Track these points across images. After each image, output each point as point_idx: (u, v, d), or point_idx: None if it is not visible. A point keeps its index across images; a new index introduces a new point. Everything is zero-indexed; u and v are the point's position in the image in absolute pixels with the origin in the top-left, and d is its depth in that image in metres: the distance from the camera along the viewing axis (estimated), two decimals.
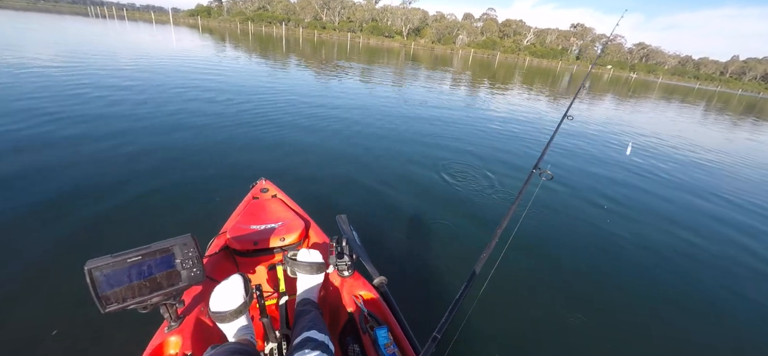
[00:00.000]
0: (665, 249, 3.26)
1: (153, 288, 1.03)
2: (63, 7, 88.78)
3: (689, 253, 3.26)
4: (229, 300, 1.15)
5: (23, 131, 4.10)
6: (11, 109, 4.79)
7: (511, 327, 2.13)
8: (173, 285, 1.08)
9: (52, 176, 3.19)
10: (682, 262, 3.10)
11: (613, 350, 2.06)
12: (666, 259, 3.11)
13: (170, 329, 1.16)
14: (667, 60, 77.89)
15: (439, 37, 73.95)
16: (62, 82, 6.68)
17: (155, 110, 5.58)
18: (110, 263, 0.95)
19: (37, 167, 3.27)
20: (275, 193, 2.09)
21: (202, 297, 1.33)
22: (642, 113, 13.46)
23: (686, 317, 2.43)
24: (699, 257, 3.22)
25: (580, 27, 77.53)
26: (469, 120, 7.72)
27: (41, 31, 17.58)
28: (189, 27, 46.26)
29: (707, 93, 41.44)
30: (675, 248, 3.30)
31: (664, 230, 3.65)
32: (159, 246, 1.04)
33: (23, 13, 40.28)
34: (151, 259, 1.02)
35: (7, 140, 3.83)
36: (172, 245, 1.06)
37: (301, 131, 5.43)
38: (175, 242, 1.07)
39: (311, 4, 74.16)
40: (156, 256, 1.03)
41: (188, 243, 1.09)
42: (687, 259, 3.16)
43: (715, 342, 2.24)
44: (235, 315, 1.14)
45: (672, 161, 6.41)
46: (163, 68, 9.82)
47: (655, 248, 3.25)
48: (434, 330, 1.02)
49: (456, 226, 3.20)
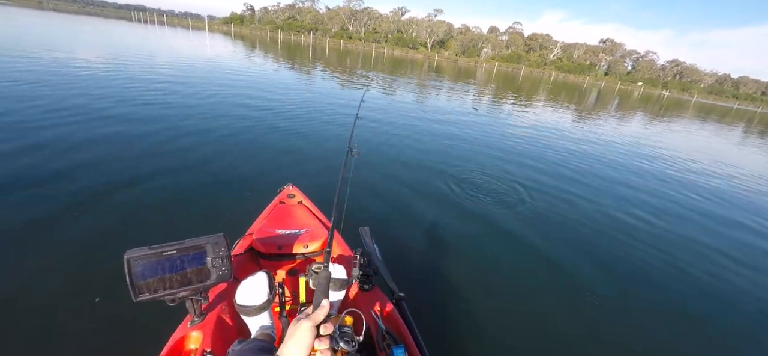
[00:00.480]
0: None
1: (183, 282, 1.07)
2: (109, 11, 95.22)
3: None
4: (254, 295, 1.20)
5: (77, 125, 4.44)
6: (66, 104, 5.19)
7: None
8: (202, 282, 1.11)
9: (96, 168, 3.43)
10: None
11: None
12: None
13: (193, 324, 1.20)
14: (702, 78, 74.15)
15: (464, 49, 73.70)
16: (107, 82, 7.15)
17: (192, 112, 5.87)
18: (147, 255, 0.99)
19: (80, 160, 3.54)
20: (301, 199, 2.14)
21: (226, 295, 1.37)
22: (673, 132, 12.85)
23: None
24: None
25: (610, 42, 75.28)
26: (492, 132, 7.64)
27: (93, 34, 18.86)
28: (222, 34, 48.40)
29: (747, 114, 38.97)
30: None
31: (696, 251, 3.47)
32: (193, 243, 1.08)
33: (74, 16, 43.41)
34: (184, 254, 1.06)
35: (63, 133, 4.15)
36: (205, 243, 1.09)
37: (328, 139, 5.57)
38: (208, 240, 1.10)
39: (339, 15, 75.92)
40: (189, 252, 1.07)
41: (220, 242, 1.12)
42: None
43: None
44: (259, 311, 1.19)
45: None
46: (197, 72, 10.31)
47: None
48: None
49: (479, 242, 3.18)
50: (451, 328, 2.13)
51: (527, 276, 2.85)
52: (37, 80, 6.57)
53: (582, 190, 4.96)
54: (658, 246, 3.59)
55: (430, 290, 2.46)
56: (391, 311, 1.43)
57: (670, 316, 2.59)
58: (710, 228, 4.29)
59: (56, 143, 3.90)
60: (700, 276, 3.17)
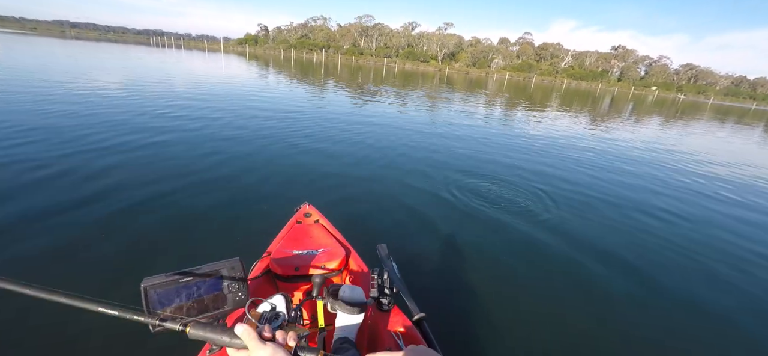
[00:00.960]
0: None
1: (200, 309, 1.03)
2: (129, 37, 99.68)
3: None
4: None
5: (95, 151, 4.59)
6: (84, 131, 5.40)
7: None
8: (218, 308, 1.07)
9: (114, 192, 3.51)
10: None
11: None
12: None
13: (212, 352, 1.18)
14: (718, 80, 72.28)
15: (474, 61, 73.94)
16: (124, 107, 7.43)
17: (205, 135, 6.01)
18: (164, 283, 0.96)
19: (99, 185, 3.63)
20: (318, 218, 2.14)
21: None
22: (690, 135, 12.44)
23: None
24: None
25: (622, 49, 74.33)
26: (506, 141, 7.56)
27: (114, 61, 19.74)
28: (237, 54, 49.95)
29: (766, 114, 37.67)
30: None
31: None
32: (209, 268, 1.04)
33: (96, 43, 45.64)
34: (201, 280, 1.03)
35: (82, 159, 4.29)
36: (221, 268, 1.06)
37: (341, 154, 5.60)
38: (225, 265, 1.07)
39: (350, 32, 77.50)
40: (205, 278, 1.04)
41: (236, 267, 1.08)
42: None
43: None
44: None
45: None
46: (211, 94, 10.60)
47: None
48: None
49: (500, 253, 3.12)
50: (475, 347, 2.07)
51: (551, 285, 2.77)
52: (55, 111, 6.87)
53: (605, 195, 4.86)
54: (690, 249, 3.46)
55: (452, 307, 2.40)
56: (412, 331, 1.39)
57: (700, 318, 2.46)
58: (738, 229, 4.10)
59: (75, 169, 3.99)
60: (727, 275, 3.04)
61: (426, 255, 3.01)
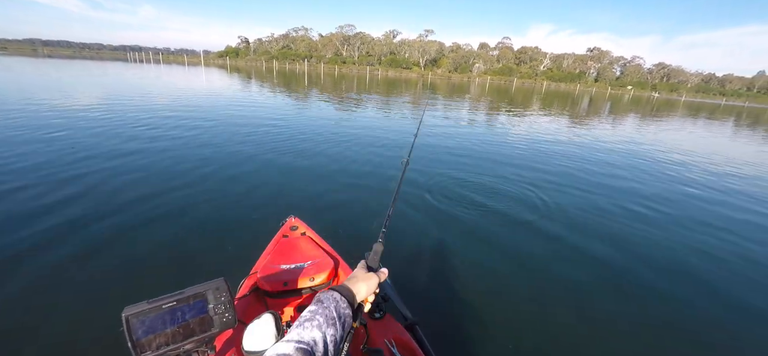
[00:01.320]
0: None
1: (186, 334, 1.01)
2: (105, 54, 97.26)
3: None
4: (262, 339, 1.15)
5: (64, 171, 4.39)
6: (56, 152, 5.20)
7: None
8: (205, 331, 1.05)
9: (88, 213, 3.35)
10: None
11: None
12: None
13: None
14: (689, 78, 75.89)
15: (456, 66, 75.29)
16: (98, 123, 7.20)
17: (183, 151, 5.85)
18: (146, 310, 0.93)
19: (70, 208, 3.46)
20: (304, 231, 2.10)
21: (233, 342, 1.31)
22: (668, 131, 12.96)
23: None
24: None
25: (597, 50, 77.11)
26: (490, 142, 7.67)
27: (90, 77, 19.17)
28: (218, 67, 49.32)
29: (735, 109, 39.81)
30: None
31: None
32: (193, 291, 1.02)
33: (69, 60, 44.27)
34: (185, 304, 1.00)
35: (50, 180, 4.10)
36: (205, 290, 1.04)
37: (327, 166, 5.53)
38: (209, 287, 1.05)
39: (332, 42, 77.80)
40: (189, 301, 1.01)
41: (221, 287, 1.07)
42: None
43: None
44: None
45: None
46: (193, 108, 10.40)
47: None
48: None
49: (490, 256, 3.14)
50: (468, 350, 2.06)
51: (540, 286, 2.80)
52: (28, 126, 6.61)
53: (591, 195, 4.96)
54: (671, 239, 3.56)
55: (444, 311, 2.40)
56: (405, 338, 1.38)
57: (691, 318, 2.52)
58: (727, 224, 4.26)
59: (44, 192, 3.81)
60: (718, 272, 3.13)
61: (416, 261, 2.99)
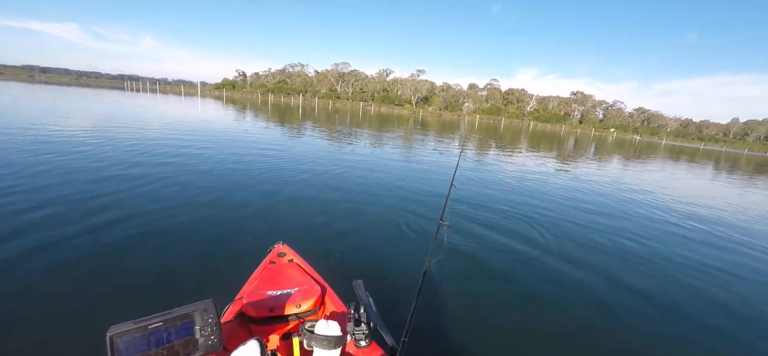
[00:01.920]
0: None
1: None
2: (102, 82, 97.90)
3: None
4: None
5: (51, 192, 4.34)
6: (48, 177, 5.14)
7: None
8: (189, 354, 1.03)
9: (69, 237, 3.30)
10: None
11: None
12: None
13: None
14: (668, 123, 79.54)
15: (446, 104, 77.70)
16: (88, 150, 7.17)
17: (176, 175, 5.86)
18: (131, 330, 0.92)
19: (52, 229, 3.41)
20: (292, 257, 2.11)
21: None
22: (654, 172, 13.42)
23: None
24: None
25: (580, 94, 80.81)
26: (480, 180, 7.83)
27: (84, 104, 19.20)
28: (214, 98, 49.90)
29: (714, 153, 41.62)
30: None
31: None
32: (180, 312, 1.01)
33: (66, 87, 44.42)
34: (171, 325, 0.99)
35: (44, 204, 4.03)
36: (193, 311, 1.03)
37: (316, 195, 5.58)
38: (196, 308, 1.04)
39: (327, 78, 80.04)
40: (176, 322, 1.00)
41: (209, 309, 1.06)
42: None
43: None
44: None
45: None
46: (185, 135, 10.45)
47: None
48: None
49: (476, 287, 3.17)
50: None
51: (525, 312, 2.85)
52: (16, 147, 6.55)
53: (581, 228, 5.07)
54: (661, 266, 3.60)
55: (431, 338, 2.40)
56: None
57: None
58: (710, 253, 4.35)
59: (33, 214, 3.78)
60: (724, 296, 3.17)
61: (403, 289, 2.99)
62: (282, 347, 1.65)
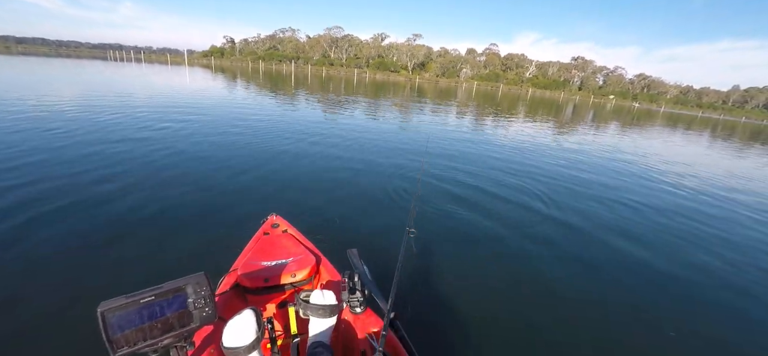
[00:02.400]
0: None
1: (164, 329, 0.99)
2: (83, 52, 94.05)
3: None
4: (241, 335, 1.14)
5: (40, 166, 4.24)
6: (33, 147, 5.00)
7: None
8: (185, 326, 1.04)
9: (59, 212, 3.23)
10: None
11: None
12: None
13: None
14: (668, 90, 78.95)
15: (444, 71, 76.15)
16: (74, 123, 6.97)
17: (165, 147, 5.73)
18: (123, 305, 0.91)
19: (43, 205, 3.33)
20: (286, 228, 2.09)
21: (213, 338, 1.29)
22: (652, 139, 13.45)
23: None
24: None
25: (581, 60, 79.38)
26: (478, 150, 7.78)
27: (69, 76, 18.54)
28: (203, 67, 48.44)
29: (711, 121, 41.71)
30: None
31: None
32: (172, 286, 1.01)
33: (46, 58, 42.69)
34: (164, 299, 0.99)
35: (29, 174, 3.94)
36: (185, 284, 1.03)
37: (309, 165, 5.51)
38: (189, 281, 1.04)
39: (320, 43, 77.54)
40: (169, 296, 1.00)
41: (201, 282, 1.06)
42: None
43: None
44: (248, 351, 1.14)
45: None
46: (174, 105, 10.18)
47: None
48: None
49: (470, 254, 3.19)
50: (448, 343, 2.09)
51: (518, 280, 2.89)
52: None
53: (572, 194, 5.08)
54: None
55: (425, 305, 2.43)
56: (385, 330, 1.39)
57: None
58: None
59: (19, 187, 3.68)
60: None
61: (397, 257, 3.00)
62: (278, 316, 1.67)
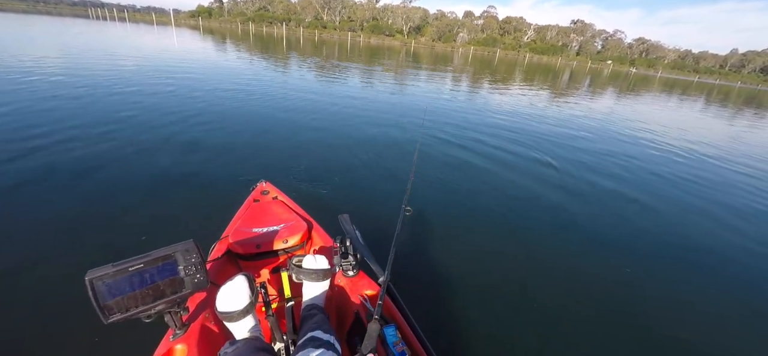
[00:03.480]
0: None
1: (156, 296, 1.02)
2: (63, 9, 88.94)
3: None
4: (235, 299, 1.16)
5: (25, 131, 4.10)
6: (14, 108, 4.84)
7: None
8: (177, 293, 1.06)
9: (43, 177, 3.17)
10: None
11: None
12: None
13: (175, 337, 1.15)
14: (666, 54, 77.89)
15: (440, 35, 73.85)
16: (60, 86, 6.69)
17: (150, 112, 5.55)
18: (111, 273, 0.93)
19: (32, 173, 3.25)
20: (276, 195, 2.08)
21: (207, 303, 1.32)
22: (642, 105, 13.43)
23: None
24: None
25: (580, 23, 77.32)
26: (471, 116, 7.71)
27: (52, 35, 17.62)
28: (190, 28, 46.33)
29: (707, 86, 41.53)
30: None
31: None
32: (161, 253, 1.03)
33: (24, 15, 40.38)
34: (153, 267, 1.01)
35: (15, 144, 3.82)
36: (174, 252, 1.05)
37: (298, 131, 5.40)
38: (177, 249, 1.06)
39: (312, 5, 74.13)
40: (158, 263, 1.02)
41: (190, 249, 1.08)
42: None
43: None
44: (242, 315, 1.16)
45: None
46: (162, 70, 9.79)
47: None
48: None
49: (461, 219, 3.25)
50: (440, 305, 2.16)
51: (509, 246, 2.93)
52: None
53: (563, 162, 5.11)
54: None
55: (416, 268, 2.48)
56: (378, 294, 1.42)
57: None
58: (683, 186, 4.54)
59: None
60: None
61: (388, 221, 3.02)
62: (271, 281, 1.70)
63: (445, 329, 1.98)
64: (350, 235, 1.68)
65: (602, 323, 2.21)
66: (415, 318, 1.32)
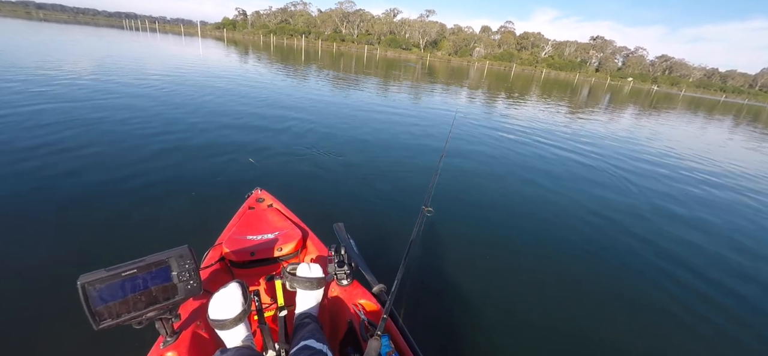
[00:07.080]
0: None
1: (148, 301, 1.00)
2: (100, 20, 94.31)
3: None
4: (228, 307, 1.16)
5: (27, 137, 4.18)
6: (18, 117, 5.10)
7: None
8: (169, 299, 1.04)
9: (41, 181, 3.19)
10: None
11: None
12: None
13: (166, 345, 1.13)
14: (691, 72, 75.40)
15: (456, 49, 74.11)
16: (67, 93, 6.94)
17: (151, 118, 5.56)
18: (104, 278, 0.91)
19: (28, 175, 3.28)
20: (271, 202, 2.09)
21: (199, 311, 1.31)
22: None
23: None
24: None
25: (600, 40, 76.11)
26: (477, 130, 7.66)
27: (80, 45, 18.66)
28: (215, 39, 48.05)
29: (734, 106, 39.64)
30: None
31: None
32: (154, 259, 1.01)
33: (66, 25, 42.88)
34: (146, 272, 0.99)
35: (16, 147, 3.86)
36: (168, 257, 1.04)
37: (295, 140, 5.34)
38: (172, 254, 1.05)
39: (331, 18, 75.96)
40: (151, 269, 1.00)
41: (185, 255, 1.06)
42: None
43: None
44: (234, 323, 1.15)
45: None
46: (162, 77, 9.97)
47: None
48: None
49: (458, 228, 3.22)
50: (434, 314, 2.13)
51: (508, 256, 2.90)
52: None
53: (559, 178, 4.98)
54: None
55: (412, 277, 2.45)
56: (372, 302, 1.41)
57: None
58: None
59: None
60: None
61: (384, 230, 3.04)
62: (265, 289, 1.70)
63: (439, 335, 1.95)
64: (345, 243, 1.68)
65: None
66: (408, 327, 1.31)
